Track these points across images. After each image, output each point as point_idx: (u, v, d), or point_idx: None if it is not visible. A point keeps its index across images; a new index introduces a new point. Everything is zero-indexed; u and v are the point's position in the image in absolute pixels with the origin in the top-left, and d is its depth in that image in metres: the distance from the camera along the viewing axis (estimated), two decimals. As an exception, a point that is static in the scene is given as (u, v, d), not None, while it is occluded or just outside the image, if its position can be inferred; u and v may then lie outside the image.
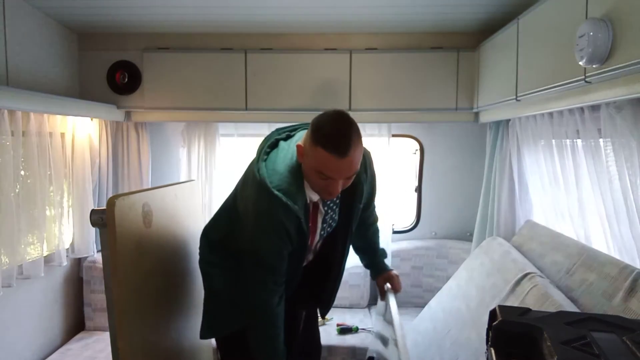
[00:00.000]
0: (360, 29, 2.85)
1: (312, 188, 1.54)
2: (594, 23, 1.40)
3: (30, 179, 2.42)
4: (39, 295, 2.62)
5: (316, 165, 1.42)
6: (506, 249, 2.28)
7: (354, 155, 1.41)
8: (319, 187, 1.49)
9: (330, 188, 1.46)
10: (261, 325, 1.61)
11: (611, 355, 0.74)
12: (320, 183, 1.47)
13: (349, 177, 1.46)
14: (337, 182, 1.44)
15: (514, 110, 2.32)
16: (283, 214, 1.49)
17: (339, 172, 1.42)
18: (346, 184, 1.49)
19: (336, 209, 1.70)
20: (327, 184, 1.45)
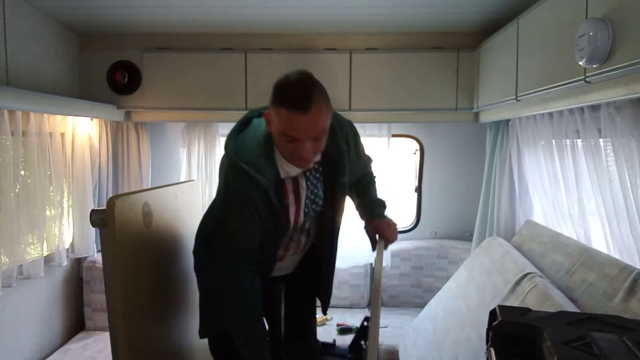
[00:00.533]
0: (360, 29, 2.85)
1: (284, 157, 1.45)
2: (594, 23, 1.40)
3: (30, 179, 2.42)
4: (39, 295, 2.62)
5: (281, 128, 1.35)
6: (506, 249, 2.28)
7: (318, 111, 1.33)
8: (289, 153, 1.40)
9: (300, 152, 1.37)
10: (235, 308, 1.54)
11: (611, 355, 0.74)
12: (289, 148, 1.38)
13: (316, 137, 1.37)
14: (305, 144, 1.35)
15: (514, 110, 2.32)
16: (250, 188, 1.43)
17: (303, 131, 1.34)
18: (317, 147, 1.40)
19: (319, 184, 1.61)
20: (295, 148, 1.37)
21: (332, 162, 1.57)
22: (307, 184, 1.58)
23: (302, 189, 1.57)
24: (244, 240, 1.51)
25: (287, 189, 1.54)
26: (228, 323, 1.57)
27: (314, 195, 1.61)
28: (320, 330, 2.24)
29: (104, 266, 1.61)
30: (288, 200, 1.55)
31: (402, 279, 3.19)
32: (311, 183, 1.59)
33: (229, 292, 1.55)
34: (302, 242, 1.73)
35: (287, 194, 1.55)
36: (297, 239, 1.70)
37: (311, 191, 1.60)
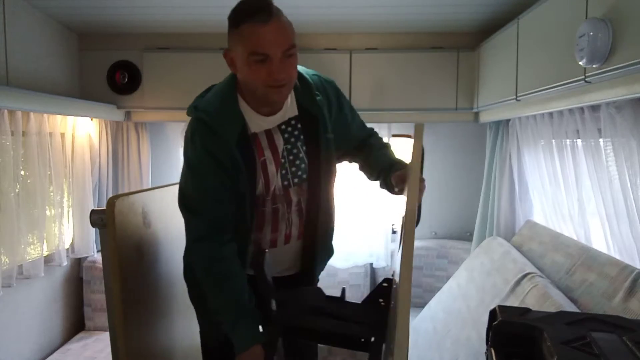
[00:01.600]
0: (360, 29, 2.85)
1: (255, 92, 1.33)
2: (594, 23, 1.40)
3: (30, 179, 2.42)
4: (39, 295, 2.62)
5: (248, 48, 1.25)
6: (506, 249, 2.28)
7: (281, 20, 1.27)
8: (262, 80, 1.28)
9: (273, 72, 1.26)
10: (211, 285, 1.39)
11: (611, 355, 0.74)
12: (261, 73, 1.26)
13: (286, 50, 1.26)
14: (276, 60, 1.25)
15: (514, 110, 2.32)
16: (209, 141, 1.33)
17: (271, 42, 1.24)
18: (290, 69, 1.29)
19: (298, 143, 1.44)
20: (268, 71, 1.26)
21: (310, 118, 1.43)
22: (286, 136, 1.43)
23: (279, 143, 1.42)
24: (209, 202, 1.36)
25: (259, 144, 1.40)
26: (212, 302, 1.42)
27: (293, 155, 1.44)
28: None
29: (104, 266, 1.61)
30: (264, 156, 1.40)
31: (402, 279, 3.18)
32: (287, 138, 1.43)
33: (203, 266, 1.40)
34: (294, 222, 1.51)
35: (260, 150, 1.40)
36: (285, 216, 1.48)
37: (289, 150, 1.43)
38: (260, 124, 1.40)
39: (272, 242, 1.50)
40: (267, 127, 1.41)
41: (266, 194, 1.43)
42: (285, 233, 1.51)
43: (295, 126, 1.44)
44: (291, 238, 1.53)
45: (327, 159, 1.48)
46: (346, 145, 1.57)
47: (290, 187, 1.46)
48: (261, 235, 1.49)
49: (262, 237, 1.50)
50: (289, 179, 1.45)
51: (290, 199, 1.47)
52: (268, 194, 1.43)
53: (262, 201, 1.44)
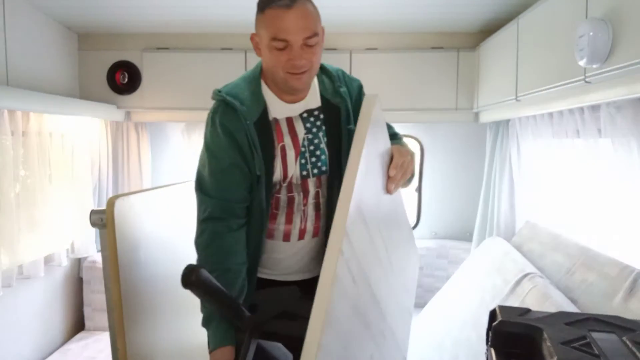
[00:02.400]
0: (360, 29, 2.85)
1: (276, 77, 1.33)
2: (594, 23, 1.40)
3: (30, 179, 2.42)
4: (39, 295, 2.62)
5: (270, 33, 1.26)
6: (506, 249, 2.28)
7: (304, 7, 1.27)
8: (282, 66, 1.28)
9: (293, 59, 1.27)
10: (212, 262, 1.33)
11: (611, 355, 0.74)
12: (282, 59, 1.27)
13: (307, 38, 1.26)
14: (297, 48, 1.26)
15: (514, 110, 2.32)
16: (227, 117, 1.34)
17: (292, 30, 1.25)
18: (311, 57, 1.29)
19: (319, 133, 1.43)
20: (288, 57, 1.27)
21: (332, 109, 1.44)
22: (308, 126, 1.42)
23: (299, 130, 1.41)
24: (223, 183, 1.35)
25: (280, 129, 1.40)
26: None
27: (314, 145, 1.42)
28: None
29: (103, 266, 1.61)
30: (283, 142, 1.39)
31: (402, 279, 3.19)
32: (309, 128, 1.42)
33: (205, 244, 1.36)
34: (309, 215, 1.46)
35: (280, 135, 1.39)
36: (301, 208, 1.44)
37: (310, 140, 1.42)
38: (282, 111, 1.40)
39: (285, 235, 1.46)
40: (288, 115, 1.41)
41: (283, 180, 1.40)
42: (300, 227, 1.46)
43: (318, 117, 1.44)
44: (306, 234, 1.47)
45: (348, 152, 1.42)
46: None
47: (309, 177, 1.43)
48: (275, 225, 1.45)
49: (275, 229, 1.46)
50: (308, 169, 1.42)
51: (308, 190, 1.43)
52: (285, 181, 1.40)
53: (279, 188, 1.41)
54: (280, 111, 1.40)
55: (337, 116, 1.44)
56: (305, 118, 1.42)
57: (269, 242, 1.47)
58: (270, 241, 1.47)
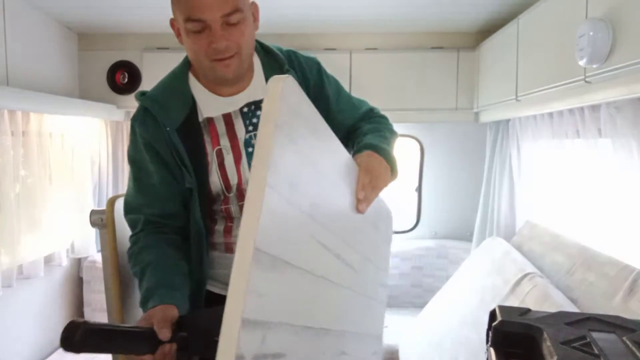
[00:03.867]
0: (360, 29, 2.85)
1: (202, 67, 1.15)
2: (594, 23, 1.40)
3: (30, 179, 2.42)
4: (39, 295, 2.62)
5: (183, 15, 1.09)
6: (506, 249, 2.28)
7: None
8: (203, 51, 1.10)
9: (213, 41, 1.07)
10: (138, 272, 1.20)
11: (611, 355, 0.74)
12: (201, 44, 1.08)
13: (227, 15, 1.06)
14: (216, 28, 1.06)
15: (514, 110, 2.32)
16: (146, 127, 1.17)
17: (206, 6, 1.05)
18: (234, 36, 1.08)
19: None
20: (208, 39, 1.08)
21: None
22: (247, 123, 1.21)
23: (239, 128, 1.20)
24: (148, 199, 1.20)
25: (215, 131, 1.19)
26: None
27: None
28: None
29: (104, 266, 1.61)
30: (219, 145, 1.19)
31: (402, 279, 3.19)
32: (255, 125, 1.20)
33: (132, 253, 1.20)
34: None
35: (215, 137, 1.19)
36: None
37: (255, 136, 1.20)
38: (217, 106, 1.20)
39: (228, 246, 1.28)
40: (225, 111, 1.20)
41: (227, 190, 1.21)
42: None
43: (259, 107, 1.21)
44: None
45: None
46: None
47: None
48: (232, 239, 1.28)
49: (233, 242, 1.27)
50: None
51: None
52: (229, 191, 1.22)
53: (225, 199, 1.23)
54: (214, 108, 1.20)
55: None
56: (245, 113, 1.21)
57: (228, 256, 1.27)
58: (229, 255, 1.27)
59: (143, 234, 1.20)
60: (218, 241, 1.28)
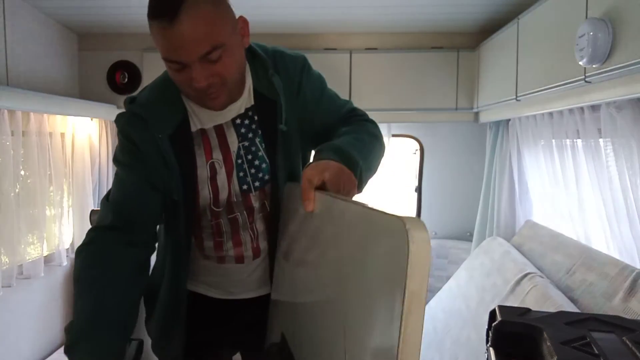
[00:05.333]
0: (360, 29, 2.85)
1: (189, 96, 1.11)
2: (594, 23, 1.40)
3: (30, 179, 2.42)
4: (39, 295, 2.62)
5: (161, 52, 1.01)
6: (506, 249, 2.28)
7: (192, 17, 0.94)
8: (187, 86, 1.04)
9: (194, 81, 1.01)
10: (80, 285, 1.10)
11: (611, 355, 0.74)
12: (183, 80, 1.03)
13: (206, 54, 0.98)
14: (195, 67, 0.99)
15: (514, 110, 2.32)
16: (137, 131, 1.12)
17: (181, 49, 0.97)
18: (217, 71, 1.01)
19: (256, 139, 1.17)
20: (188, 77, 1.01)
21: (268, 106, 1.16)
22: (240, 133, 1.17)
23: (232, 141, 1.17)
24: (127, 201, 1.14)
25: (207, 143, 1.16)
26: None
27: (252, 154, 1.18)
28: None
29: (104, 266, 1.60)
30: (212, 158, 1.16)
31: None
32: (245, 135, 1.17)
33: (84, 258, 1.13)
34: (259, 230, 1.25)
35: (208, 150, 1.16)
36: (248, 226, 1.24)
37: (247, 148, 1.17)
38: (210, 118, 1.16)
39: (237, 259, 1.26)
40: (218, 122, 1.16)
41: (214, 205, 1.18)
42: (252, 246, 1.25)
43: (253, 118, 1.18)
44: (261, 251, 1.27)
45: (288, 157, 1.20)
46: (315, 137, 1.22)
47: (251, 192, 1.20)
48: (223, 252, 1.26)
49: (225, 255, 1.26)
50: (248, 182, 1.19)
51: (252, 206, 1.21)
52: (218, 204, 1.19)
53: (214, 213, 1.20)
54: (207, 119, 1.16)
55: (274, 114, 1.16)
56: (238, 124, 1.17)
57: (221, 266, 1.27)
58: (222, 265, 1.27)
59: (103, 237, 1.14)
60: (209, 254, 1.28)
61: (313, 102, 1.22)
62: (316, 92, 1.23)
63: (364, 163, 1.02)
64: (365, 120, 1.23)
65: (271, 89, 1.16)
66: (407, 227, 0.56)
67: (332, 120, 1.23)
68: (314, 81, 1.24)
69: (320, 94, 1.24)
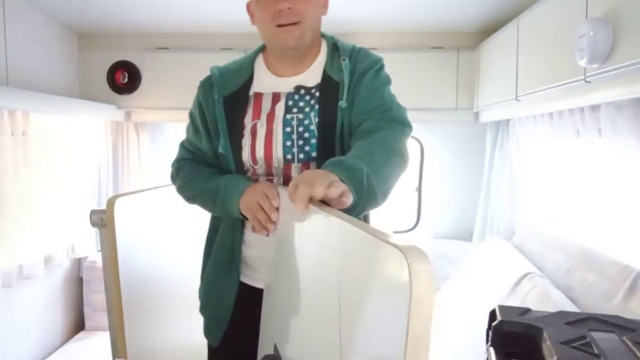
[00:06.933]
0: (360, 28, 2.85)
1: (268, 37, 1.23)
2: (594, 23, 1.40)
3: (30, 179, 2.42)
4: (39, 295, 2.62)
5: None
6: (506, 249, 2.28)
7: None
8: (269, 17, 1.18)
9: (276, 4, 1.15)
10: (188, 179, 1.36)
11: (611, 355, 0.74)
12: (269, 10, 1.17)
13: None
14: None
15: (514, 110, 2.32)
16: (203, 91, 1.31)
17: None
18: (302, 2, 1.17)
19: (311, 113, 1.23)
20: (273, 4, 1.16)
21: (332, 86, 1.23)
22: (290, 104, 1.24)
23: (279, 107, 1.24)
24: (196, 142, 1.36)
25: (259, 105, 1.26)
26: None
27: (303, 127, 1.22)
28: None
29: (103, 266, 1.61)
30: (259, 119, 1.25)
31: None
32: (297, 105, 1.24)
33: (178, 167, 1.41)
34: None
35: (257, 112, 1.25)
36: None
37: (300, 120, 1.22)
38: (271, 84, 1.27)
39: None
40: (277, 90, 1.26)
41: (253, 161, 1.26)
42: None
43: (313, 94, 1.25)
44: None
45: (345, 137, 1.22)
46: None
47: (293, 162, 1.23)
48: None
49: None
50: (294, 153, 1.23)
51: (290, 176, 1.24)
52: (255, 162, 1.25)
53: (254, 171, 1.27)
54: (267, 85, 1.28)
55: (336, 94, 1.22)
56: (292, 94, 1.25)
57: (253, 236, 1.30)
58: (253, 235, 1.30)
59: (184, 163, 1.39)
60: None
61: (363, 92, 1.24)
62: (372, 87, 1.26)
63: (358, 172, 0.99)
64: (394, 130, 1.24)
65: (339, 72, 1.24)
66: (409, 261, 0.49)
67: (362, 115, 1.22)
68: (378, 79, 1.28)
69: (373, 90, 1.26)
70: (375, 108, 1.23)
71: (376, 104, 1.23)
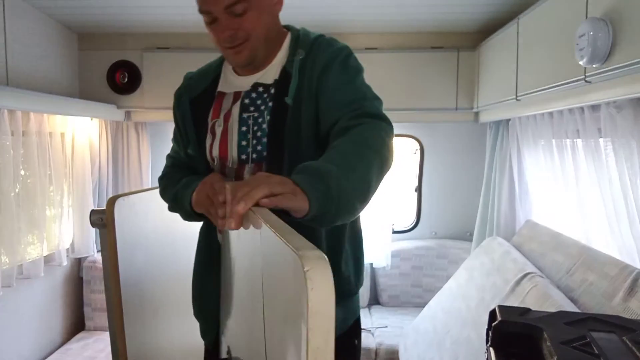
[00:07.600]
0: (360, 28, 2.85)
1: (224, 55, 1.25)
2: (594, 23, 1.40)
3: (30, 179, 2.42)
4: (39, 295, 2.62)
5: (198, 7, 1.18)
6: (506, 249, 2.28)
7: None
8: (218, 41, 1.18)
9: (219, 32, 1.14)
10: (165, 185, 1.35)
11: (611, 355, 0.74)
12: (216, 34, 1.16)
13: (229, 6, 1.10)
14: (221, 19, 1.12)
15: (514, 110, 2.32)
16: (177, 94, 1.37)
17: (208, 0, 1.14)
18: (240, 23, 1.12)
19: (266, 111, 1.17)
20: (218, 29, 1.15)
21: (287, 83, 1.17)
22: (247, 102, 1.20)
23: (235, 106, 1.22)
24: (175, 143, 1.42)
25: (219, 106, 1.25)
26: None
27: (257, 125, 1.18)
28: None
29: (103, 266, 1.61)
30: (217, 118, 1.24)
31: (402, 278, 3.19)
32: (255, 104, 1.20)
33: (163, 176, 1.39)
34: None
35: (217, 111, 1.25)
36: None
37: (255, 119, 1.18)
38: (233, 83, 1.26)
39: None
40: (238, 89, 1.24)
41: (211, 161, 1.25)
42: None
43: (269, 91, 1.20)
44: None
45: (294, 137, 1.14)
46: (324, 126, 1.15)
47: (248, 162, 1.19)
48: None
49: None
50: (248, 152, 1.18)
51: (242, 177, 1.20)
52: (213, 161, 1.24)
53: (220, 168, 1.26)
54: (229, 85, 1.27)
55: (285, 88, 1.17)
56: (248, 93, 1.22)
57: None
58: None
59: (169, 170, 1.39)
60: None
61: (330, 87, 1.16)
62: (340, 79, 1.17)
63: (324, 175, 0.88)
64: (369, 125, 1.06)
65: (292, 65, 1.18)
66: (306, 269, 0.43)
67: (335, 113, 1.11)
68: (346, 70, 1.20)
69: (342, 83, 1.17)
70: (347, 103, 1.11)
71: (348, 98, 1.13)
